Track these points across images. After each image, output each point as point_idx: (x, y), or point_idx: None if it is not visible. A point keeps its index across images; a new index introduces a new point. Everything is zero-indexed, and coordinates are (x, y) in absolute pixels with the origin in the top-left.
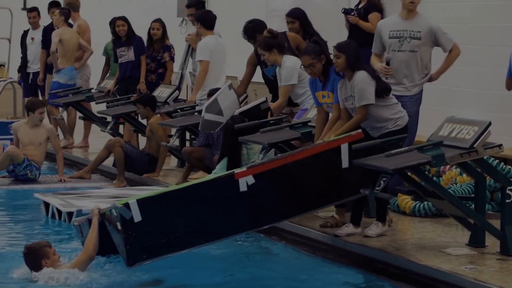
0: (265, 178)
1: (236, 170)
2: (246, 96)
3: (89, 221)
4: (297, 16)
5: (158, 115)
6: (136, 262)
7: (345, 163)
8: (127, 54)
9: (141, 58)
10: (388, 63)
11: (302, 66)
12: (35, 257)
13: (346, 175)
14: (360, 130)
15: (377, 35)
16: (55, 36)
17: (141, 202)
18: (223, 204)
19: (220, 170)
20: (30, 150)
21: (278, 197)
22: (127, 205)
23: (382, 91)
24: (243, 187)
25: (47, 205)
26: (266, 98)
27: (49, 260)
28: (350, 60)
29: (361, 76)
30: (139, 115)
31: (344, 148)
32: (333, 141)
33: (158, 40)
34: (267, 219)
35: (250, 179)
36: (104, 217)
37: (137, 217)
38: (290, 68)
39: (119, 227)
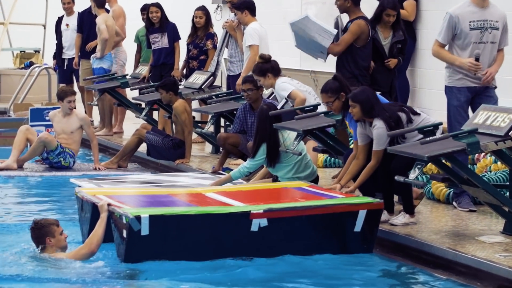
0: (278, 223)
1: (253, 210)
2: None
3: (94, 205)
4: (397, 8)
5: (182, 99)
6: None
7: (358, 228)
8: (161, 41)
9: (175, 45)
10: (477, 59)
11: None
12: (41, 234)
13: (355, 236)
14: (382, 201)
15: (450, 25)
16: (101, 23)
17: (153, 218)
18: (230, 237)
19: (259, 158)
20: (63, 138)
21: (282, 240)
22: (138, 218)
23: (399, 137)
24: (254, 227)
25: None
26: (286, 99)
27: (54, 239)
28: (365, 109)
29: (378, 124)
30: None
31: (362, 214)
32: (354, 205)
33: (202, 28)
34: (263, 254)
35: (264, 222)
36: (112, 216)
37: (144, 231)
38: (283, 84)
39: (125, 235)
